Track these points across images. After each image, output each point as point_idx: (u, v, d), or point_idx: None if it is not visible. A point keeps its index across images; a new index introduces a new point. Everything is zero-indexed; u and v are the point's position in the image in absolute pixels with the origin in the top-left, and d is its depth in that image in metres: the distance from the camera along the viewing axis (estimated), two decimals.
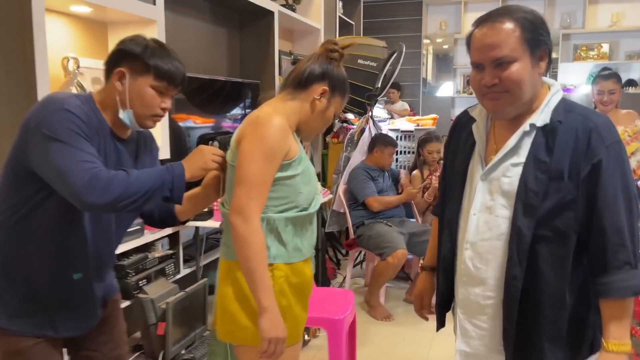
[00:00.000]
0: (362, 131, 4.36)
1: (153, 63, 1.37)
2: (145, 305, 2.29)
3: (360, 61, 4.22)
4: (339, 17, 5.25)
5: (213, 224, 2.78)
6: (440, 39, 7.33)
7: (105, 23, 2.51)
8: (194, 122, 3.08)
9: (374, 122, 4.44)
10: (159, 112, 1.43)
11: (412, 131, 4.68)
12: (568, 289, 1.28)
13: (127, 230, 1.63)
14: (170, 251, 2.73)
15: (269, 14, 3.73)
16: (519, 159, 1.30)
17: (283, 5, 3.98)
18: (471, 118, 1.44)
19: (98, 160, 1.30)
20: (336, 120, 4.92)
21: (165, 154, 2.56)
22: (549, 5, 6.73)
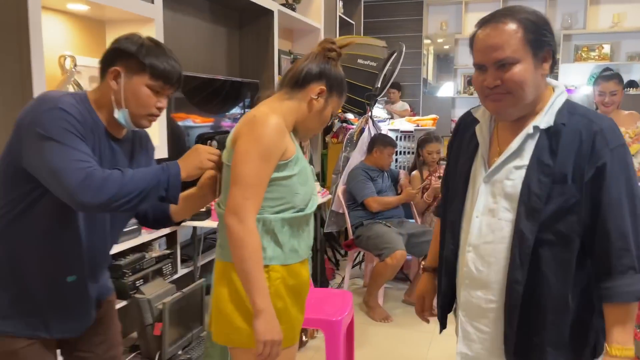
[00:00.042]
0: (362, 131, 4.35)
1: (149, 62, 1.36)
2: (142, 306, 2.27)
3: (360, 61, 4.20)
4: (339, 17, 5.24)
5: (211, 224, 2.77)
6: (441, 39, 7.31)
7: (103, 21, 2.50)
8: (193, 121, 3.07)
9: (374, 122, 4.42)
10: (155, 112, 1.41)
11: (412, 131, 4.67)
12: (571, 292, 1.27)
13: (123, 230, 1.62)
14: (168, 251, 2.71)
15: (269, 13, 3.71)
16: (522, 161, 1.29)
17: (283, 5, 3.96)
18: (475, 119, 1.43)
19: (92, 159, 1.28)
20: (336, 120, 4.91)
21: (163, 153, 2.55)
22: (550, 5, 6.72)
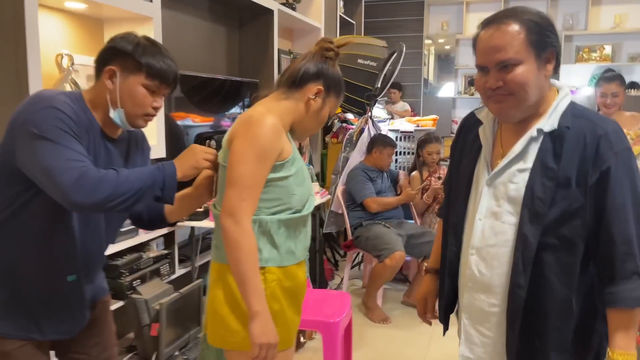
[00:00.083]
0: (361, 131, 4.33)
1: (145, 61, 1.34)
2: (138, 306, 2.26)
3: (360, 61, 4.19)
4: (340, 17, 5.22)
5: (209, 224, 2.75)
6: (442, 40, 7.30)
7: (101, 20, 2.48)
8: (193, 121, 3.06)
9: (373, 123, 4.41)
10: (151, 112, 1.40)
11: (412, 132, 4.65)
12: (575, 297, 1.26)
13: (119, 230, 1.60)
14: (165, 251, 2.70)
15: (269, 12, 3.70)
16: (526, 164, 1.28)
17: (283, 4, 3.95)
18: (478, 120, 1.42)
19: (87, 159, 1.27)
20: (336, 120, 4.89)
21: (161, 153, 2.53)
22: (552, 6, 6.70)
